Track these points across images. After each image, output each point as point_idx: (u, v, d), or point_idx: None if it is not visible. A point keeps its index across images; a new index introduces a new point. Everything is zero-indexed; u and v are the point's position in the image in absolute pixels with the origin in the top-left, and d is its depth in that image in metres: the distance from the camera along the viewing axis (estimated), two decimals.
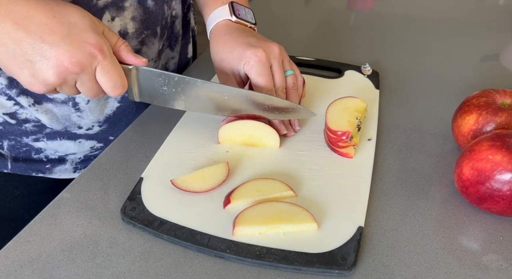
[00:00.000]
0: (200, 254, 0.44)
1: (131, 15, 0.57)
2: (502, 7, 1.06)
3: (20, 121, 0.59)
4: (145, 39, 0.61)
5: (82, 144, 0.65)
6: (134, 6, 0.57)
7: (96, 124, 0.63)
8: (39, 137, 0.61)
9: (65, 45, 0.42)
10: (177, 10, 0.66)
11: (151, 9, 0.59)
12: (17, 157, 0.63)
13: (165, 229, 0.45)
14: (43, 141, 0.62)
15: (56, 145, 0.63)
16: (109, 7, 0.55)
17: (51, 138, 0.62)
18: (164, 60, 0.69)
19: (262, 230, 0.44)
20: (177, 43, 0.71)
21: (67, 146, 0.64)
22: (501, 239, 0.46)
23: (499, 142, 0.46)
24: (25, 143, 0.62)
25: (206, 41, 0.65)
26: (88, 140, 0.65)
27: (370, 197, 0.50)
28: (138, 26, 0.59)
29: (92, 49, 0.43)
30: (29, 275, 0.41)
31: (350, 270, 0.42)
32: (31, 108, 0.57)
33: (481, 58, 0.82)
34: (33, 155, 0.64)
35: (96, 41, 0.44)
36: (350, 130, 0.52)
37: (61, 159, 0.66)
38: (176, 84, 0.51)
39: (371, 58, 0.77)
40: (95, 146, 0.67)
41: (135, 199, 0.48)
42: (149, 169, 0.52)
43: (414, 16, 0.98)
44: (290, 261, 0.42)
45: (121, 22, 0.57)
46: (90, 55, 0.43)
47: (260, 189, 0.48)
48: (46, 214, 0.47)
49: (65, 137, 0.63)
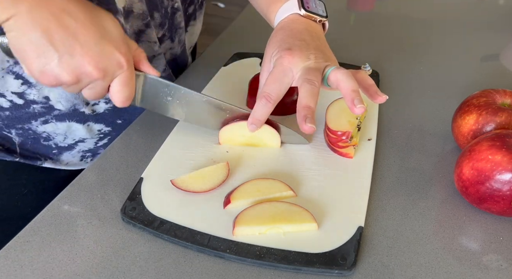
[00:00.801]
0: (200, 254, 0.44)
1: None
2: (502, 7, 1.06)
3: (28, 102, 0.58)
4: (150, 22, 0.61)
5: (91, 127, 0.65)
6: None
7: (102, 100, 0.63)
8: (47, 118, 0.60)
9: (96, 49, 0.42)
10: (179, 3, 0.66)
11: None
12: (25, 142, 0.62)
13: (165, 229, 0.45)
14: (52, 122, 0.61)
15: (65, 127, 0.62)
16: None
17: (60, 119, 0.61)
18: (164, 50, 0.69)
19: (262, 230, 0.44)
20: (177, 35, 0.70)
21: (76, 128, 0.63)
22: (501, 239, 0.46)
23: (499, 142, 0.46)
24: (34, 130, 0.62)
25: (205, 41, 0.65)
26: (96, 123, 0.65)
27: (370, 197, 0.50)
28: (144, 8, 0.59)
29: (121, 58, 0.43)
30: (29, 275, 0.41)
31: (350, 270, 0.42)
32: (40, 84, 0.56)
33: (481, 58, 0.82)
34: (42, 141, 0.63)
35: (126, 51, 0.44)
36: (350, 130, 0.52)
37: (70, 146, 0.66)
38: (181, 97, 0.52)
39: (371, 58, 0.77)
40: (103, 129, 0.66)
41: (135, 199, 0.48)
42: (149, 169, 0.52)
43: (414, 16, 0.98)
44: (290, 261, 0.42)
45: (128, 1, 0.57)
46: (117, 63, 0.43)
47: (260, 189, 0.48)
48: (46, 214, 0.47)
49: (73, 120, 0.62)
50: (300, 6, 0.57)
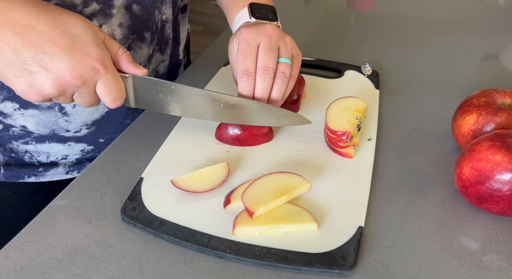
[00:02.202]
0: (200, 254, 0.44)
1: (118, 22, 0.56)
2: (502, 7, 1.06)
3: (6, 125, 0.58)
4: (131, 44, 0.60)
5: (72, 147, 0.65)
6: (121, 13, 0.56)
7: (84, 127, 0.62)
8: (27, 140, 0.61)
9: (67, 58, 0.41)
10: (168, 15, 0.65)
11: (137, 14, 0.58)
12: (10, 162, 0.62)
13: (165, 229, 0.45)
14: (32, 143, 0.61)
15: (45, 148, 0.63)
16: (96, 15, 0.54)
17: (40, 141, 0.61)
18: (155, 64, 0.69)
19: (262, 230, 0.44)
20: (168, 46, 0.70)
21: (57, 148, 0.63)
22: (501, 239, 0.46)
23: (499, 142, 0.46)
24: (16, 149, 0.62)
25: (205, 41, 0.65)
26: (78, 143, 0.65)
27: (370, 197, 0.50)
28: (125, 32, 0.58)
29: (95, 63, 0.43)
30: (29, 275, 0.41)
31: (350, 270, 0.42)
32: (16, 113, 0.56)
33: (481, 58, 0.82)
34: (26, 159, 0.63)
35: (99, 55, 0.43)
36: (350, 130, 0.52)
37: (54, 163, 0.66)
38: (173, 93, 0.51)
39: (371, 58, 0.77)
40: (86, 149, 0.66)
41: (135, 199, 0.48)
42: (149, 169, 0.52)
43: (414, 16, 0.98)
44: (290, 261, 0.42)
45: (108, 29, 0.56)
46: (93, 69, 0.43)
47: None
48: (46, 214, 0.47)
49: (54, 141, 0.62)
50: (250, 15, 0.58)
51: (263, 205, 0.45)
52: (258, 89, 0.52)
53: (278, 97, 0.53)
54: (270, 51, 0.52)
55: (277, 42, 0.53)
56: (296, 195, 0.47)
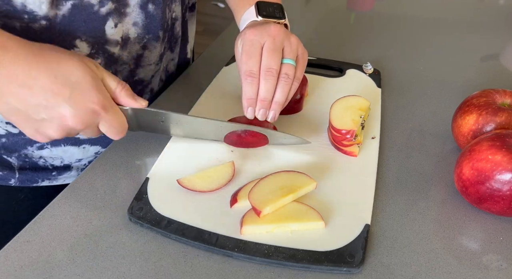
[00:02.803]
0: (201, 253, 0.44)
1: (133, 21, 0.57)
2: (502, 7, 1.06)
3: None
4: (147, 43, 0.61)
5: (87, 150, 0.65)
6: (136, 12, 0.57)
7: None
8: (43, 145, 0.62)
9: (68, 107, 0.43)
10: (177, 12, 0.66)
11: (152, 13, 0.59)
12: (24, 166, 0.63)
13: (172, 229, 0.45)
14: (48, 147, 0.62)
15: (60, 152, 0.63)
16: (112, 14, 0.55)
17: (55, 145, 0.62)
18: (165, 63, 0.69)
19: (270, 229, 0.44)
20: (177, 44, 0.70)
21: (72, 152, 0.64)
22: (501, 239, 0.46)
23: (499, 142, 0.46)
24: (30, 156, 0.62)
25: (205, 41, 0.65)
26: (92, 145, 0.65)
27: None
28: (139, 31, 0.59)
29: (95, 107, 0.44)
30: (29, 275, 0.41)
31: (358, 267, 0.42)
32: None
33: (481, 58, 0.82)
34: (40, 163, 0.64)
35: (98, 99, 0.44)
36: (354, 128, 0.53)
37: (67, 167, 0.66)
38: (173, 120, 0.53)
39: (371, 58, 0.77)
40: (100, 151, 0.67)
41: (142, 199, 0.48)
42: (155, 169, 0.52)
43: (414, 16, 0.98)
44: (298, 259, 0.42)
45: (123, 28, 0.57)
46: (93, 113, 0.44)
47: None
48: (46, 214, 0.47)
49: (69, 144, 0.63)
50: (257, 13, 0.58)
51: (270, 204, 0.45)
52: (262, 91, 0.52)
53: (282, 99, 0.53)
54: (273, 52, 0.52)
55: (281, 43, 0.53)
56: (302, 193, 0.47)
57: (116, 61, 0.60)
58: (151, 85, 0.68)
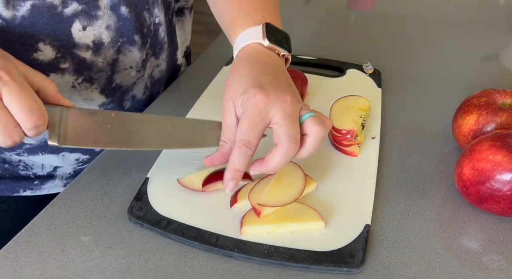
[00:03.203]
0: (200, 253, 0.44)
1: (106, 24, 0.54)
2: (502, 7, 1.06)
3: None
4: (121, 47, 0.57)
5: (66, 157, 0.62)
6: (107, 14, 0.54)
7: None
8: (19, 152, 0.59)
9: None
10: (160, 17, 0.62)
11: (125, 16, 0.55)
12: (3, 175, 0.60)
13: (172, 229, 0.45)
14: (24, 155, 0.59)
15: (38, 159, 0.61)
16: (79, 16, 0.52)
17: (32, 153, 0.59)
18: (150, 70, 0.66)
19: (270, 229, 0.44)
20: (162, 51, 0.67)
21: (51, 159, 0.61)
22: (501, 239, 0.46)
23: (500, 142, 0.46)
24: (9, 158, 0.60)
25: (205, 41, 0.65)
26: (72, 153, 0.62)
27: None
28: (113, 34, 0.56)
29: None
30: (29, 275, 0.41)
31: (358, 267, 0.42)
32: None
33: (481, 58, 0.82)
34: (20, 171, 0.61)
35: (3, 64, 0.38)
36: (355, 128, 0.53)
37: (50, 175, 0.64)
38: (112, 121, 0.45)
39: (372, 58, 0.77)
40: (81, 158, 0.64)
41: (142, 199, 0.48)
42: (155, 169, 0.52)
43: (414, 16, 0.98)
44: (298, 260, 0.42)
45: (95, 31, 0.54)
46: None
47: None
48: (45, 214, 0.47)
49: (47, 152, 0.60)
50: (265, 36, 0.49)
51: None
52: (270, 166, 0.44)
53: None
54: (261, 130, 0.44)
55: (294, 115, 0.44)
56: (303, 194, 0.47)
57: (90, 67, 0.56)
58: (133, 93, 0.64)
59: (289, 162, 0.51)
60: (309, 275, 0.42)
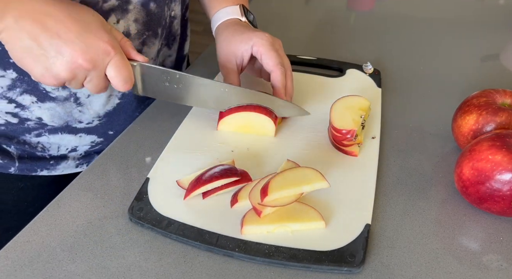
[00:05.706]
0: (202, 253, 0.44)
1: (134, 17, 0.59)
2: (502, 7, 1.06)
3: (22, 119, 0.60)
4: (146, 39, 0.62)
5: (83, 138, 0.67)
6: (137, 9, 0.59)
7: (96, 119, 0.64)
8: (41, 132, 0.63)
9: (80, 43, 0.44)
10: (176, 11, 0.68)
11: (153, 11, 0.61)
12: (23, 155, 0.64)
13: (173, 229, 0.45)
14: (45, 135, 0.63)
15: (57, 139, 0.64)
16: (114, 10, 0.56)
17: (53, 132, 0.63)
18: (162, 58, 0.71)
19: (270, 229, 0.44)
20: (175, 42, 0.72)
21: (68, 139, 0.65)
22: (501, 239, 0.46)
23: (499, 142, 0.46)
24: (28, 142, 0.63)
25: (206, 41, 0.66)
26: (88, 135, 0.67)
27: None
28: (140, 27, 0.60)
29: (106, 46, 0.45)
30: (29, 275, 0.41)
31: (359, 267, 0.42)
32: (34, 106, 0.58)
33: (481, 58, 0.82)
34: (37, 153, 0.65)
35: (109, 39, 0.46)
36: (355, 128, 0.53)
37: (63, 156, 0.68)
38: (178, 81, 0.54)
39: (372, 58, 0.77)
40: (95, 141, 0.68)
41: (142, 199, 0.48)
42: (155, 169, 0.52)
43: (414, 16, 0.98)
44: (299, 259, 0.42)
45: (124, 24, 0.58)
46: (104, 52, 0.45)
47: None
48: (46, 214, 0.47)
49: (65, 132, 0.64)
50: (243, 14, 0.63)
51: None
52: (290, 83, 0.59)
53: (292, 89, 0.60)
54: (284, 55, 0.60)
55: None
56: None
57: None
58: None
59: (289, 162, 0.51)
60: (310, 275, 0.42)
